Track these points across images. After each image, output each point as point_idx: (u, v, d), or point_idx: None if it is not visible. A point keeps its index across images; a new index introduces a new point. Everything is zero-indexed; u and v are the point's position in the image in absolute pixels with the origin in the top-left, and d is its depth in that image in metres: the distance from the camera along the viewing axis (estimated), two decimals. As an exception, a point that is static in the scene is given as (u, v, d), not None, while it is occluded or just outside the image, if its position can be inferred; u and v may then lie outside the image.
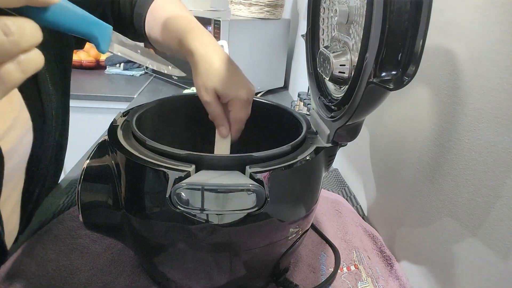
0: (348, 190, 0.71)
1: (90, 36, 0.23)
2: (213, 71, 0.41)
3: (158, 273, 0.43)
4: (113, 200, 0.36)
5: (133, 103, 1.28)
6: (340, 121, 0.36)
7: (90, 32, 0.23)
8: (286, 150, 0.36)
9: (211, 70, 0.42)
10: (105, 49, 0.25)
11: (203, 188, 0.28)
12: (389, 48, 0.28)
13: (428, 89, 0.45)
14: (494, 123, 0.34)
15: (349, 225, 0.59)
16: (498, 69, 0.34)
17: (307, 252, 0.52)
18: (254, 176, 0.31)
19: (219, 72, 0.41)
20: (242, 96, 0.42)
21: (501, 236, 0.34)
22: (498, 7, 0.34)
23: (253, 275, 0.41)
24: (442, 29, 0.42)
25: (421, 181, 0.47)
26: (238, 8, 1.19)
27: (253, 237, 0.35)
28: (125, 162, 0.34)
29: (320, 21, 0.47)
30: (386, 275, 0.49)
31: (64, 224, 0.53)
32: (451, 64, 0.40)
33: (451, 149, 0.40)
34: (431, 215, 0.45)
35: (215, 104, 0.42)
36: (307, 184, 0.38)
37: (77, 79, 1.48)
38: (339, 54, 0.37)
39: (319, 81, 0.47)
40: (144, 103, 0.46)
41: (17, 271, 0.44)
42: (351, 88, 0.34)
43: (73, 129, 1.51)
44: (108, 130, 0.39)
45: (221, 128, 0.44)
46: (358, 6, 0.35)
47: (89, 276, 0.44)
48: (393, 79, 0.28)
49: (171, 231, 0.34)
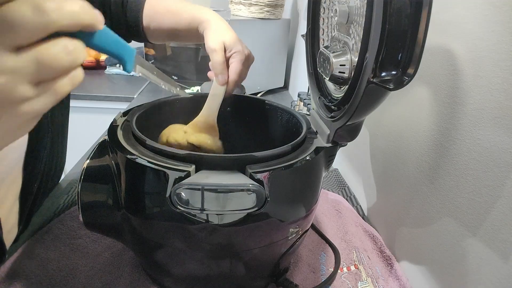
0: (348, 190, 0.71)
1: (120, 58, 0.26)
2: (224, 30, 0.50)
3: (158, 273, 0.43)
4: (113, 200, 0.36)
5: (133, 103, 1.28)
6: (340, 121, 0.36)
7: (119, 54, 0.26)
8: (286, 150, 0.36)
9: (223, 29, 0.50)
10: (130, 70, 0.28)
11: (203, 188, 0.28)
12: (389, 48, 0.28)
13: (428, 89, 0.45)
14: (494, 123, 0.34)
15: (349, 225, 0.59)
16: (498, 69, 0.34)
17: (307, 252, 0.52)
18: (254, 176, 0.31)
19: (229, 31, 0.50)
20: (244, 51, 0.49)
21: (501, 236, 0.34)
22: (498, 7, 0.34)
23: (253, 275, 0.41)
24: (442, 29, 0.42)
25: (421, 181, 0.47)
26: (238, 8, 1.19)
27: (253, 237, 0.35)
28: (125, 162, 0.34)
29: (320, 21, 0.47)
30: (386, 275, 0.49)
31: (64, 224, 0.53)
32: (451, 64, 0.40)
33: (451, 149, 0.40)
34: (431, 215, 0.45)
35: (221, 52, 0.47)
36: (307, 184, 0.38)
37: (77, 79, 1.48)
38: (339, 54, 0.37)
39: (319, 81, 0.47)
40: (144, 103, 0.46)
41: (17, 271, 0.44)
42: (351, 88, 0.34)
43: (73, 129, 1.51)
44: (108, 130, 0.39)
45: (220, 76, 0.47)
46: (358, 6, 0.35)
47: (89, 276, 0.44)
48: (393, 79, 0.28)
49: (171, 231, 0.34)
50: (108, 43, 0.25)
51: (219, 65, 0.47)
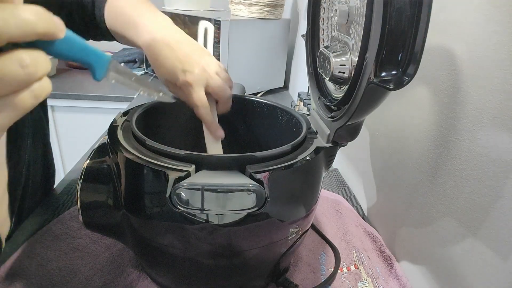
0: (348, 190, 0.71)
1: (88, 65, 0.25)
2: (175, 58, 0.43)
3: (158, 273, 0.43)
4: (113, 200, 0.36)
5: (133, 103, 1.28)
6: (340, 121, 0.36)
7: (88, 61, 0.25)
8: (286, 150, 0.36)
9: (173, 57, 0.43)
10: (99, 78, 0.27)
11: (203, 188, 0.28)
12: (389, 48, 0.28)
13: (428, 89, 0.45)
14: (494, 123, 0.34)
15: (349, 225, 0.59)
16: (498, 69, 0.34)
17: (307, 252, 0.52)
18: (254, 176, 0.31)
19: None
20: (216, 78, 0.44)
21: (501, 236, 0.34)
22: (498, 7, 0.34)
23: (253, 275, 0.41)
24: (442, 29, 0.42)
25: (421, 181, 0.47)
26: (238, 8, 1.19)
27: (253, 237, 0.35)
28: (125, 162, 0.34)
29: (320, 21, 0.47)
30: (386, 275, 0.49)
31: (64, 224, 0.53)
32: (451, 64, 0.40)
33: (451, 149, 0.40)
34: (431, 215, 0.45)
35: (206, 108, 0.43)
36: (307, 184, 0.38)
37: (77, 79, 1.48)
38: (339, 54, 0.37)
39: (319, 81, 0.47)
40: (144, 103, 0.46)
41: (17, 271, 0.44)
42: (351, 88, 0.34)
43: (73, 129, 1.51)
44: (108, 130, 0.39)
45: (219, 131, 0.45)
46: (358, 6, 0.35)
47: (89, 276, 0.44)
48: (393, 79, 0.28)
49: (171, 231, 0.34)
50: (73, 50, 0.23)
51: (211, 122, 0.44)
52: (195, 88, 0.42)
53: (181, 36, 0.46)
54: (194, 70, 0.42)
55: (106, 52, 1.77)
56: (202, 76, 0.43)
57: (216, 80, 0.43)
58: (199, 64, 0.43)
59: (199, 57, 0.44)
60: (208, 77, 0.43)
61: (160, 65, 0.44)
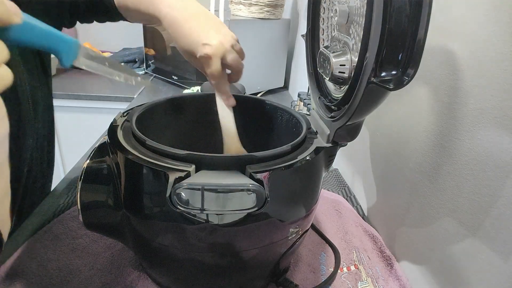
0: (348, 190, 0.71)
1: (54, 51, 0.24)
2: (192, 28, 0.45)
3: (158, 273, 0.43)
4: (113, 200, 0.36)
5: (133, 103, 1.28)
6: (340, 121, 0.36)
7: (53, 47, 0.23)
8: (286, 150, 0.36)
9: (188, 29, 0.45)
10: (67, 64, 0.25)
11: (203, 188, 0.28)
12: (389, 48, 0.28)
13: (428, 89, 0.45)
14: (494, 123, 0.34)
15: (349, 225, 0.59)
16: (498, 69, 0.34)
17: (307, 252, 0.52)
18: (254, 176, 0.31)
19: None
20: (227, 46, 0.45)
21: (501, 236, 0.34)
22: (498, 7, 0.34)
23: (253, 275, 0.41)
24: (442, 29, 0.42)
25: (421, 181, 0.47)
26: (238, 8, 1.19)
27: (253, 237, 0.35)
28: (125, 162, 0.34)
29: (320, 21, 0.47)
30: (386, 275, 0.49)
31: (64, 224, 0.53)
32: (451, 64, 0.40)
33: (451, 149, 0.40)
34: (431, 215, 0.45)
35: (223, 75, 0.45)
36: (307, 184, 0.38)
37: (77, 79, 1.48)
38: (339, 54, 0.37)
39: (319, 81, 0.47)
40: (144, 103, 0.46)
41: (17, 271, 0.44)
42: (351, 88, 0.34)
43: (74, 129, 1.51)
44: (108, 130, 0.39)
45: (231, 99, 0.46)
46: (358, 6, 0.35)
47: (89, 276, 0.44)
48: (393, 79, 0.28)
49: (171, 231, 0.34)
50: (33, 37, 0.22)
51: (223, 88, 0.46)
52: (214, 60, 0.44)
53: (199, 9, 0.48)
54: (213, 44, 0.44)
55: (105, 52, 1.77)
56: (220, 49, 0.44)
57: (232, 54, 0.45)
58: (217, 38, 0.44)
59: (217, 30, 0.45)
60: (224, 51, 0.45)
61: (181, 38, 0.46)
